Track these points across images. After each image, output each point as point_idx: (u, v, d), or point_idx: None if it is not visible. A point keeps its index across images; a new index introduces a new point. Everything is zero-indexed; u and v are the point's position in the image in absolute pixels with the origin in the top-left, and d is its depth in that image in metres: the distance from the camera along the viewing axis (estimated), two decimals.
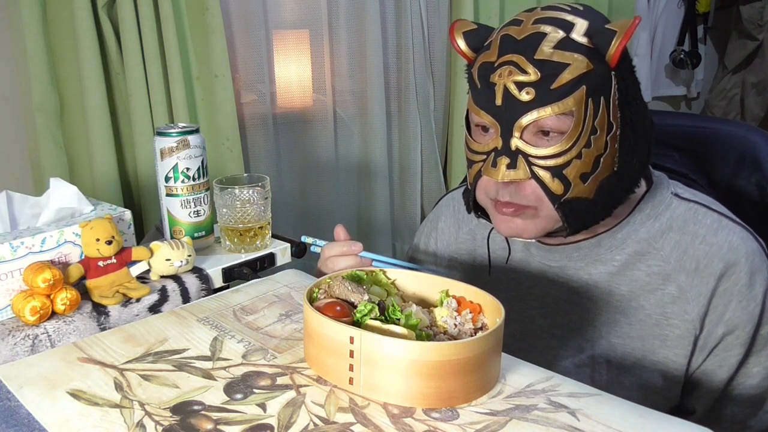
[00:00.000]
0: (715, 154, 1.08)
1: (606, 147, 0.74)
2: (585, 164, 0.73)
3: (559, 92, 0.71)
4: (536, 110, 0.72)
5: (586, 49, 0.71)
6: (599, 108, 0.72)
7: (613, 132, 0.73)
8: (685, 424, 0.55)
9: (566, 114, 0.72)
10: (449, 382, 0.56)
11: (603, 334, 0.84)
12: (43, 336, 0.76)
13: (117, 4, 1.32)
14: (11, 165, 1.40)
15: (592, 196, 0.75)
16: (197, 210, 0.97)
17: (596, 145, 0.73)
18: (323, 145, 1.76)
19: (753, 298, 0.78)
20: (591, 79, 0.71)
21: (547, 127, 0.73)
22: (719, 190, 1.08)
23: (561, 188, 0.74)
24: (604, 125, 0.73)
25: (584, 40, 0.72)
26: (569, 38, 0.72)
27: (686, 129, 1.12)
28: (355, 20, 1.72)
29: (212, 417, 0.56)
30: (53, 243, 0.81)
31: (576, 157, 0.73)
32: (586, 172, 0.74)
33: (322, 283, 0.67)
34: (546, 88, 0.71)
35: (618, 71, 0.73)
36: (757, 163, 1.04)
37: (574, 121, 0.72)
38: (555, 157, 0.73)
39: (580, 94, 0.71)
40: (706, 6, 2.54)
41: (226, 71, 1.46)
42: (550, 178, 0.74)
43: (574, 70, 0.71)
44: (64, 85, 1.36)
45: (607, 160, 0.74)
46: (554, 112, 0.71)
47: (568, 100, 0.71)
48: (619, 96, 0.73)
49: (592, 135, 0.72)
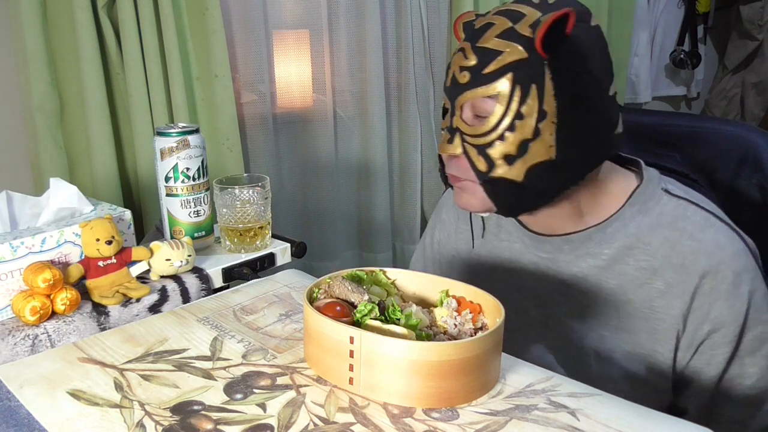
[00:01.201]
0: (716, 155, 1.08)
1: (536, 133, 0.76)
2: (509, 146, 0.77)
3: (489, 77, 0.76)
4: (469, 91, 0.78)
5: (526, 39, 0.75)
6: (527, 95, 0.75)
7: (547, 120, 0.75)
8: (685, 424, 0.55)
9: (492, 97, 0.77)
10: (449, 382, 0.56)
11: (593, 326, 0.85)
12: (43, 336, 0.76)
13: (117, 4, 1.32)
14: (11, 165, 1.40)
15: (521, 179, 0.78)
16: (197, 210, 0.97)
17: (522, 129, 0.76)
18: (323, 145, 1.76)
19: (739, 297, 0.79)
20: (522, 68, 0.75)
21: (477, 107, 0.78)
22: (720, 191, 1.08)
23: (485, 166, 0.79)
24: (533, 112, 0.75)
25: (528, 31, 0.75)
26: (512, 29, 0.76)
27: (686, 129, 1.12)
28: (355, 20, 1.72)
29: (212, 417, 0.56)
30: (53, 243, 0.81)
31: (499, 138, 0.77)
32: (512, 154, 0.77)
33: (322, 283, 0.67)
34: (479, 72, 0.77)
35: (554, 62, 0.75)
36: (758, 164, 1.04)
37: (498, 103, 0.76)
38: (480, 137, 0.78)
39: (507, 79, 0.75)
40: (706, 6, 2.54)
41: (226, 71, 1.45)
42: (476, 155, 0.79)
43: (507, 57, 0.75)
44: (64, 85, 1.36)
45: (538, 147, 0.76)
46: (482, 94, 0.77)
47: (495, 84, 0.76)
48: (555, 86, 0.75)
49: (517, 119, 0.76)
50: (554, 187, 0.80)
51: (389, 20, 1.77)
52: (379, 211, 1.85)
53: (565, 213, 0.85)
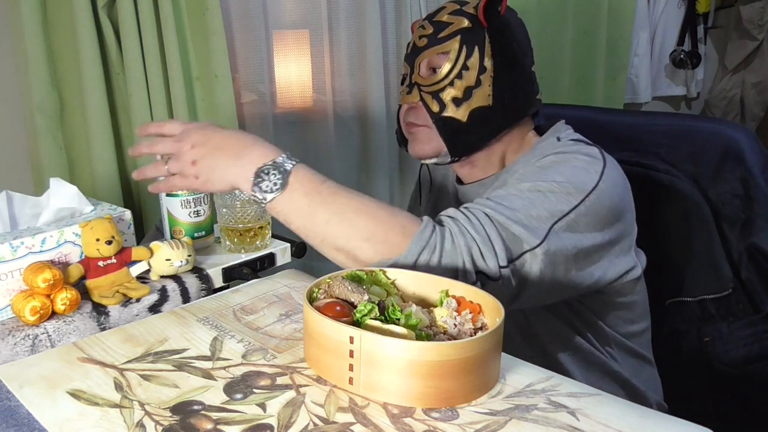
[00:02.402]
0: (699, 150, 1.14)
1: (478, 83, 0.98)
2: (457, 91, 0.98)
3: (442, 39, 1.00)
4: (426, 51, 1.01)
5: (471, 15, 1.00)
6: (471, 53, 0.98)
7: (486, 73, 0.98)
8: (685, 424, 0.55)
9: (444, 53, 0.99)
10: (449, 382, 0.56)
11: None
12: (43, 336, 0.76)
13: (117, 4, 1.32)
14: (11, 165, 1.40)
15: (465, 119, 0.99)
16: (197, 210, 0.97)
17: (467, 78, 0.98)
18: (323, 145, 1.76)
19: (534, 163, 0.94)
20: (467, 33, 0.99)
21: (432, 62, 1.01)
22: (705, 183, 1.13)
23: (438, 107, 0.99)
24: (476, 66, 0.98)
25: (472, 10, 1.00)
26: (460, 9, 1.01)
27: (668, 127, 1.20)
28: (355, 20, 1.72)
29: (212, 417, 0.56)
30: (53, 243, 0.81)
31: (449, 84, 0.98)
32: (458, 97, 0.98)
33: (322, 283, 0.67)
34: (435, 37, 1.01)
35: (491, 30, 0.99)
36: (740, 158, 1.09)
37: (449, 58, 0.99)
38: (434, 84, 0.99)
39: (455, 40, 0.99)
40: (706, 6, 2.53)
41: (226, 71, 1.45)
42: (430, 99, 1.00)
43: (456, 26, 1.00)
44: (64, 85, 1.36)
45: (479, 94, 0.98)
46: (437, 51, 1.00)
47: (446, 44, 0.99)
48: (492, 48, 0.99)
49: (464, 70, 0.98)
50: (490, 130, 1.01)
51: (389, 20, 1.77)
52: None
53: (493, 162, 1.04)
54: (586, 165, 0.90)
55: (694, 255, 1.15)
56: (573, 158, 0.91)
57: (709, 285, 1.14)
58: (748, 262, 1.10)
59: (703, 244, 1.14)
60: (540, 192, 0.85)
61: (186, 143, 0.82)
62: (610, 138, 1.22)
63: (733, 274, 1.12)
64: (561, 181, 0.87)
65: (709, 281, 1.14)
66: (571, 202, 0.85)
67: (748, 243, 1.10)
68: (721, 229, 1.12)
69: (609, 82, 2.18)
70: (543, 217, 0.84)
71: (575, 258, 0.87)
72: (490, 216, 0.82)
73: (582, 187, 0.87)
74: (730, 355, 1.13)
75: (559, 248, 0.84)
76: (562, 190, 0.86)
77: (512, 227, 0.82)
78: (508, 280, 0.81)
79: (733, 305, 1.12)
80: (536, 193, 0.85)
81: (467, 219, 0.82)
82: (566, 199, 0.85)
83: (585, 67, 2.10)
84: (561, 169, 0.90)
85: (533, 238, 0.82)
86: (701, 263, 1.15)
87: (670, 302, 1.18)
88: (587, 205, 0.86)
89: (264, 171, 0.78)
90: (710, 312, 1.14)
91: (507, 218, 0.82)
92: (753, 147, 1.09)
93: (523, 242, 0.82)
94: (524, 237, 0.82)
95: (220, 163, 0.80)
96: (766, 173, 1.08)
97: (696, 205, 1.13)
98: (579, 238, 0.86)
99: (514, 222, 0.82)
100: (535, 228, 0.82)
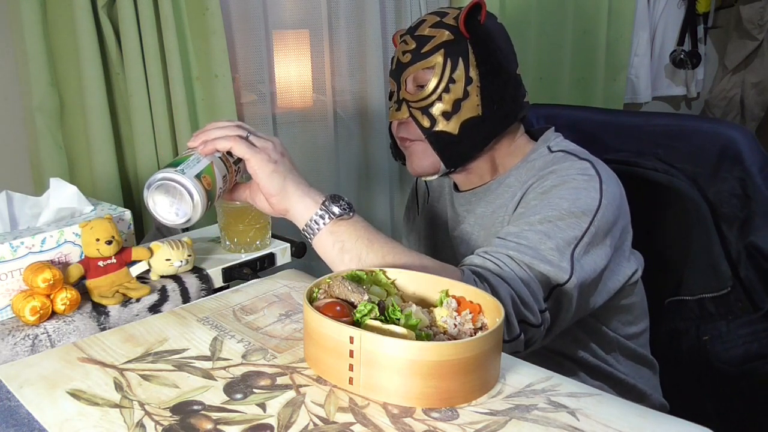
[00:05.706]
0: (698, 150, 1.15)
1: (465, 94, 0.98)
2: (446, 105, 0.98)
3: (426, 54, 0.99)
4: (411, 67, 1.00)
5: (451, 26, 0.99)
6: (456, 65, 0.98)
7: (473, 84, 0.98)
8: (685, 424, 0.55)
9: (430, 68, 0.99)
10: (449, 382, 0.56)
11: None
12: (43, 336, 0.76)
13: (117, 4, 1.32)
14: (11, 165, 1.40)
15: (457, 132, 0.99)
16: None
17: (454, 91, 0.98)
18: (323, 145, 1.76)
19: (543, 187, 0.93)
20: (450, 46, 0.98)
21: (418, 78, 1.00)
22: (704, 183, 1.14)
23: (428, 122, 1.00)
24: (462, 77, 0.98)
25: (452, 21, 1.00)
26: (440, 21, 1.00)
27: (669, 127, 1.21)
28: (355, 20, 1.72)
29: (212, 417, 0.56)
30: (53, 243, 0.81)
31: (437, 99, 0.98)
32: (448, 111, 0.98)
33: (322, 283, 0.67)
34: (418, 52, 1.00)
35: (474, 40, 0.98)
36: (738, 158, 1.10)
37: (434, 73, 0.98)
38: (422, 100, 0.99)
39: (439, 54, 0.98)
40: (706, 6, 2.53)
41: (226, 71, 1.45)
42: (420, 115, 1.00)
43: (438, 39, 0.99)
44: (64, 85, 1.36)
45: (468, 105, 0.98)
46: (422, 67, 1.00)
47: (431, 59, 0.99)
48: (476, 58, 0.98)
49: (450, 83, 0.98)
50: (482, 138, 1.01)
51: (389, 20, 1.77)
52: (379, 211, 1.84)
53: (488, 168, 1.05)
54: (585, 184, 0.91)
55: (693, 254, 1.16)
56: (571, 179, 0.92)
57: (708, 284, 1.14)
58: (746, 260, 1.11)
59: (701, 244, 1.14)
60: (551, 222, 0.87)
61: (279, 144, 0.83)
62: (610, 138, 1.23)
63: (731, 272, 1.12)
64: (567, 207, 0.88)
65: (708, 280, 1.14)
66: (582, 226, 0.87)
67: (746, 242, 1.10)
68: (719, 228, 1.13)
69: (609, 82, 2.18)
70: (561, 247, 0.85)
71: (598, 279, 0.89)
72: (515, 258, 0.84)
73: (588, 208, 0.88)
74: (729, 353, 1.13)
75: (586, 277, 0.86)
76: (570, 215, 0.87)
77: (539, 266, 0.83)
78: (547, 321, 0.84)
79: (732, 304, 1.13)
80: (547, 224, 0.87)
81: (497, 267, 0.83)
82: (576, 223, 0.87)
83: (585, 67, 2.10)
84: (563, 192, 0.90)
85: (561, 273, 0.84)
86: (700, 262, 1.15)
87: (669, 301, 1.19)
88: (596, 225, 0.88)
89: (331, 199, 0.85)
90: (709, 311, 1.15)
91: (532, 258, 0.84)
92: (751, 146, 1.10)
93: (550, 279, 0.83)
94: (551, 274, 0.83)
95: (295, 178, 0.84)
96: (764, 172, 1.08)
97: (695, 205, 1.13)
98: (595, 259, 0.88)
99: (540, 261, 0.83)
100: (559, 262, 0.84)
